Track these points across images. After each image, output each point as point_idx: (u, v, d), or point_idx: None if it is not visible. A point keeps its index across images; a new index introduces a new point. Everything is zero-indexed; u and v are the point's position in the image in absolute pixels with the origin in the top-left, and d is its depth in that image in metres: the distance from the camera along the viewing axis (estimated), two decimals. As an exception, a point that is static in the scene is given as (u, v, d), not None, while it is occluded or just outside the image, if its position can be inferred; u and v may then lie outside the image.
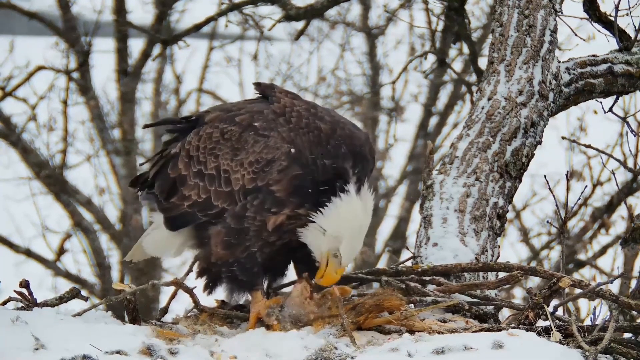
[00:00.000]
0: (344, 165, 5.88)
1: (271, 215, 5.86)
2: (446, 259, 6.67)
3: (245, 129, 5.95)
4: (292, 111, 5.95)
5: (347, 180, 5.85)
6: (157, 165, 6.22)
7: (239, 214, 5.90)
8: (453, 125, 18.18)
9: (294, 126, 5.90)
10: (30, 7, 15.65)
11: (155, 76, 18.03)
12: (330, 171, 5.85)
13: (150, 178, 6.23)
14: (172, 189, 6.10)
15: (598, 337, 5.52)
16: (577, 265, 15.33)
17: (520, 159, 7.18)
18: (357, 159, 5.93)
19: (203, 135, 6.03)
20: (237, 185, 5.90)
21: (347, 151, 5.90)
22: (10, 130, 15.38)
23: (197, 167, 6.02)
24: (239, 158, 5.92)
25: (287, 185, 5.83)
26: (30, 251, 15.93)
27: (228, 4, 11.42)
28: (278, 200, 5.85)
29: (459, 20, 10.86)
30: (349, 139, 5.94)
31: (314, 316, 5.88)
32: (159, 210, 6.16)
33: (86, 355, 5.12)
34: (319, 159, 5.84)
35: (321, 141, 5.88)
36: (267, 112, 5.97)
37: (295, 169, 5.84)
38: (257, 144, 5.90)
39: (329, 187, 5.83)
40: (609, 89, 7.81)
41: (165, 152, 6.23)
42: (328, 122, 5.95)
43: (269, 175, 5.85)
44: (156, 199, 6.17)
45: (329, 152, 5.87)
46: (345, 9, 18.15)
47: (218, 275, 6.04)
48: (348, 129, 5.99)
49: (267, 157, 5.87)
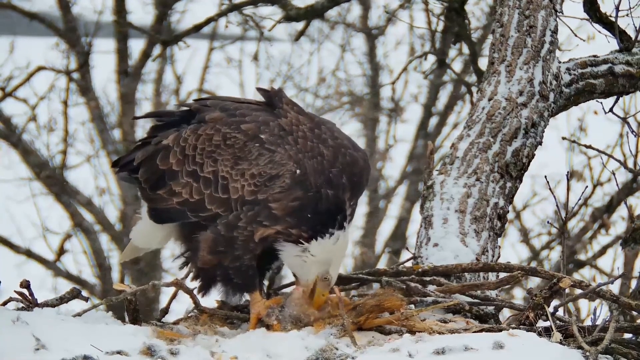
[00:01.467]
0: (343, 198, 5.89)
1: (261, 227, 5.86)
2: (447, 259, 6.67)
3: (250, 139, 5.90)
4: (298, 130, 5.93)
5: (345, 215, 5.89)
6: (145, 151, 6.11)
7: (232, 223, 5.88)
8: (453, 125, 18.20)
9: (300, 147, 5.89)
10: (31, 8, 15.67)
11: (156, 77, 18.04)
12: (332, 201, 5.87)
13: (135, 163, 6.13)
14: (159, 180, 6.06)
15: (598, 338, 5.52)
16: (577, 265, 15.34)
17: (521, 160, 7.19)
18: (354, 190, 5.96)
19: (202, 135, 5.98)
20: (235, 194, 5.88)
21: (346, 181, 5.91)
22: (10, 131, 15.39)
23: (191, 167, 5.97)
24: (240, 167, 5.88)
25: (287, 205, 5.83)
26: (31, 252, 15.94)
27: (228, 4, 11.42)
28: (273, 216, 5.85)
29: (459, 20, 10.87)
30: (349, 168, 5.94)
31: (314, 317, 5.89)
32: (143, 198, 6.11)
33: (87, 356, 5.12)
34: (322, 187, 5.85)
35: (324, 169, 5.88)
36: (274, 125, 5.94)
37: (297, 190, 5.83)
38: (262, 157, 5.87)
39: (327, 217, 5.85)
40: (610, 90, 7.81)
41: (155, 138, 6.12)
42: (330, 147, 5.93)
43: (271, 190, 5.84)
44: (139, 185, 6.11)
45: (330, 181, 5.87)
46: (346, 10, 18.17)
47: (212, 278, 6.03)
48: (349, 154, 5.97)
49: (271, 172, 5.84)
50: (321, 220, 5.85)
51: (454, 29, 10.95)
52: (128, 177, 6.17)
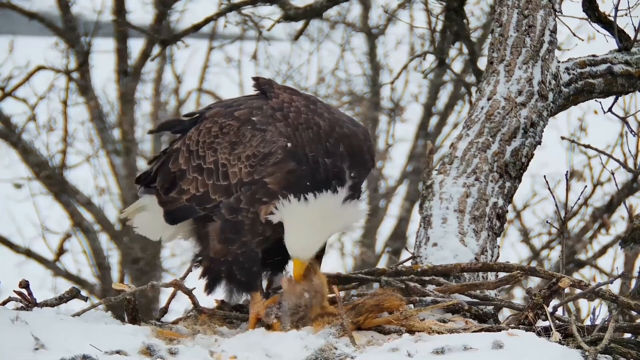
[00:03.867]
0: (342, 166, 5.88)
1: (262, 205, 5.87)
2: (446, 259, 6.67)
3: (243, 124, 5.96)
4: (290, 106, 5.96)
5: (343, 182, 5.86)
6: (160, 160, 6.27)
7: (233, 206, 5.92)
8: (453, 125, 18.20)
9: (292, 121, 5.90)
10: (31, 7, 15.67)
11: (155, 76, 18.05)
12: (330, 170, 5.85)
13: (152, 173, 6.26)
14: (172, 183, 6.12)
15: (598, 337, 5.52)
16: (577, 265, 15.34)
17: (520, 159, 7.19)
18: (354, 161, 5.92)
19: (202, 129, 6.07)
20: (234, 178, 5.93)
21: (344, 151, 5.90)
22: (10, 131, 15.39)
23: (196, 162, 6.05)
24: (237, 152, 5.94)
25: (281, 179, 5.84)
26: (31, 251, 15.94)
27: (227, 4, 11.41)
28: (270, 191, 5.86)
29: (458, 20, 10.86)
30: (347, 139, 5.93)
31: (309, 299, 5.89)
32: (159, 204, 6.17)
33: (86, 355, 5.12)
34: (318, 156, 5.85)
35: (320, 138, 5.88)
36: (266, 107, 5.99)
37: (290, 163, 5.84)
38: (254, 138, 5.91)
39: (325, 185, 5.82)
40: (609, 89, 7.81)
41: (168, 149, 6.28)
42: (327, 119, 5.95)
43: (266, 168, 5.86)
44: (157, 193, 6.19)
45: (327, 150, 5.87)
46: (346, 9, 18.17)
47: (219, 274, 6.05)
48: (347, 127, 5.98)
49: (263, 150, 5.88)
50: (317, 189, 5.82)
51: (453, 28, 10.95)
52: (147, 190, 6.27)
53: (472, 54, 11.34)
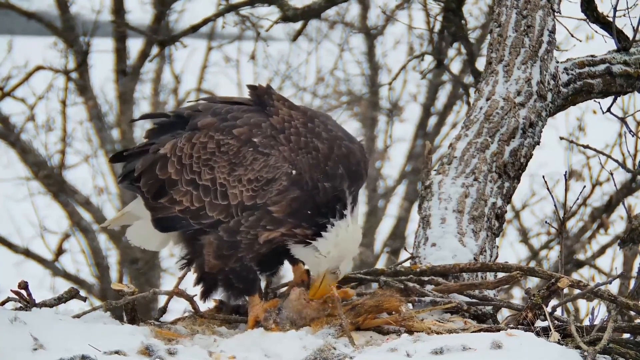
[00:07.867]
0: (342, 187, 5.89)
1: (265, 231, 5.87)
2: (445, 259, 6.67)
3: (243, 144, 5.91)
4: (290, 127, 5.93)
5: (345, 203, 5.88)
6: (144, 160, 6.12)
7: (233, 229, 5.90)
8: (452, 125, 18.21)
9: (293, 145, 5.88)
10: (29, 7, 15.66)
11: (154, 76, 18.06)
12: (330, 193, 5.86)
13: (136, 174, 6.13)
14: (160, 189, 6.07)
15: (597, 337, 5.52)
16: (576, 265, 15.34)
17: (519, 159, 7.19)
18: (353, 179, 5.95)
19: (197, 143, 5.98)
20: (234, 200, 5.89)
21: (343, 172, 5.91)
22: (8, 131, 15.39)
23: (190, 176, 5.98)
24: (237, 174, 5.89)
25: (286, 207, 5.84)
26: (29, 251, 15.94)
27: (225, 5, 11.41)
28: (275, 219, 5.86)
29: (456, 21, 10.87)
30: (346, 158, 5.95)
31: (311, 318, 5.89)
32: (146, 207, 6.12)
33: (85, 355, 5.11)
34: (319, 182, 5.85)
35: (319, 163, 5.88)
36: (266, 126, 5.94)
37: (294, 190, 5.84)
38: (257, 161, 5.88)
39: (328, 209, 5.85)
40: (608, 89, 7.81)
41: (152, 145, 6.13)
42: (325, 140, 5.93)
43: (269, 194, 5.84)
44: (142, 195, 6.12)
45: (327, 173, 5.87)
46: (344, 9, 18.17)
47: (214, 283, 6.04)
48: (345, 145, 5.97)
49: (267, 176, 5.85)
50: (321, 213, 5.85)
51: (451, 29, 10.95)
52: (131, 187, 6.20)
53: (471, 54, 11.34)
